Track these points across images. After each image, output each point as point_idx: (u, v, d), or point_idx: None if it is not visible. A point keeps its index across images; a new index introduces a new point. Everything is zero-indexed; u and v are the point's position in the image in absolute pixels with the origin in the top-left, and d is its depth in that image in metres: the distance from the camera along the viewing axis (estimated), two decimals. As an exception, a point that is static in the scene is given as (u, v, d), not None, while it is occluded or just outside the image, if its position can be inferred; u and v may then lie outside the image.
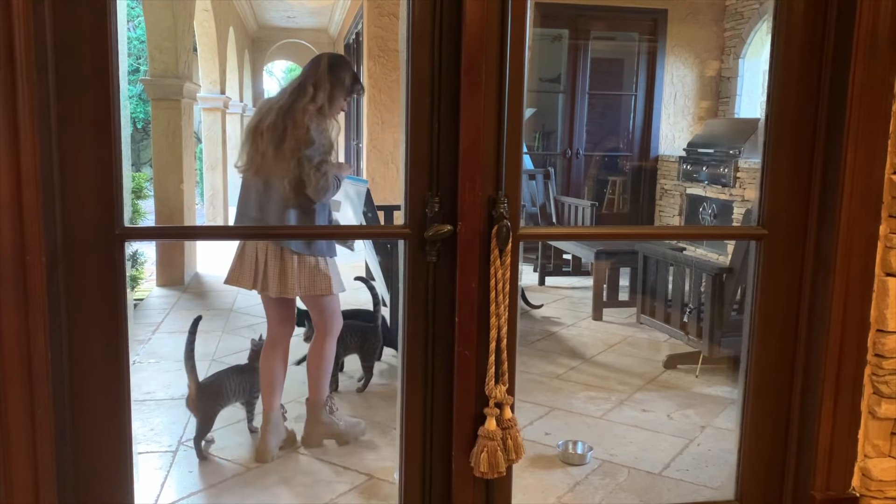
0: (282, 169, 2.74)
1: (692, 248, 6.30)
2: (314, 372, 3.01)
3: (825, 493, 2.00)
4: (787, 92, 1.94)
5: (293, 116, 2.75)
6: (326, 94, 2.80)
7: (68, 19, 1.64)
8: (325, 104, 2.80)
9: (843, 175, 1.89)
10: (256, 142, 2.81)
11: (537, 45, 7.73)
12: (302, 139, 2.72)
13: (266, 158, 2.79)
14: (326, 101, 2.80)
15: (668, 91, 7.79)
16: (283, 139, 2.74)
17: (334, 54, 3.06)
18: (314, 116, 2.76)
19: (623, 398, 3.57)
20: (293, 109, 2.76)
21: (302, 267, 2.81)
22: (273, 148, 2.76)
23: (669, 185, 7.63)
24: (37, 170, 1.60)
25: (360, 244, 4.04)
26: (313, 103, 2.77)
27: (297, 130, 2.73)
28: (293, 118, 2.75)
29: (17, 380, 1.64)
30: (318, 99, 2.78)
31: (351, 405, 3.42)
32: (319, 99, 2.78)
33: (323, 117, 2.79)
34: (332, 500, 2.58)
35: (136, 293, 5.53)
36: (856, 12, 1.84)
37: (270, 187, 2.80)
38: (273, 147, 2.76)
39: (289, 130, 2.74)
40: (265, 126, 2.78)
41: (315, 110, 2.77)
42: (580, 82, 7.62)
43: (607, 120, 8.30)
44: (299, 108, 2.76)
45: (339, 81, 2.83)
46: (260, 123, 2.81)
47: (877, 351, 1.95)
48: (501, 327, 1.82)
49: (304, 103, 2.76)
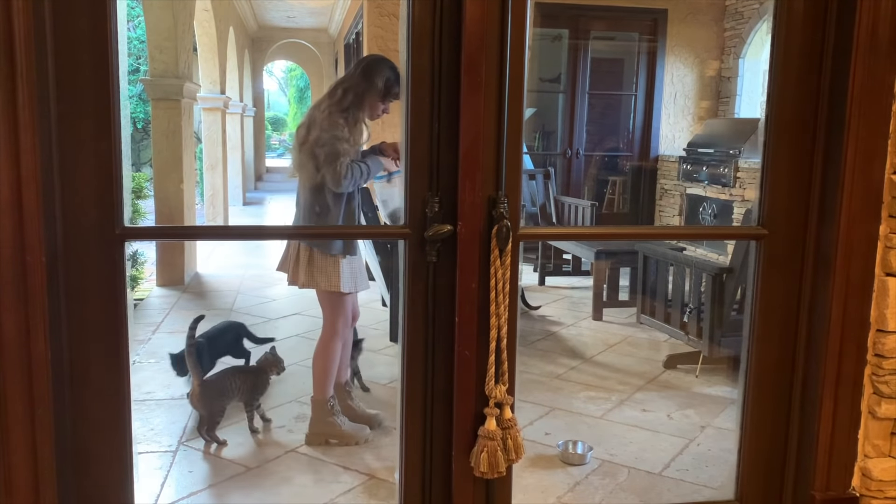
0: (306, 166, 2.87)
1: (692, 248, 6.31)
2: (316, 370, 3.03)
3: (825, 493, 2.00)
4: (787, 92, 1.94)
5: (314, 116, 2.89)
6: (355, 96, 2.86)
7: (68, 19, 1.64)
8: (352, 106, 2.86)
9: (843, 175, 1.89)
10: (294, 142, 3.00)
11: (537, 45, 7.73)
12: (317, 137, 2.83)
13: (295, 157, 2.97)
14: (354, 103, 2.86)
15: (668, 91, 7.79)
16: (305, 140, 2.87)
17: (374, 57, 3.08)
18: (332, 116, 2.83)
19: (623, 398, 3.57)
20: (318, 109, 2.89)
21: (310, 261, 2.91)
22: (299, 146, 2.92)
23: (669, 185, 7.63)
24: (37, 170, 1.60)
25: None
26: (339, 105, 2.85)
27: (314, 130, 2.85)
28: (314, 118, 2.88)
29: (17, 380, 1.64)
30: (345, 101, 2.85)
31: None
32: (346, 101, 2.85)
33: (344, 118, 2.85)
34: (332, 499, 2.58)
35: (136, 293, 5.53)
36: (856, 13, 1.84)
37: (302, 184, 2.95)
38: (299, 145, 2.92)
39: (310, 130, 2.87)
40: (298, 126, 2.98)
41: (339, 111, 2.84)
42: (580, 82, 7.62)
43: (607, 120, 8.30)
44: (323, 108, 2.87)
45: (371, 85, 2.88)
46: (300, 125, 2.98)
47: (877, 351, 1.95)
48: (501, 327, 1.82)
49: (329, 104, 2.86)
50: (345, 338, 3.11)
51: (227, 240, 8.42)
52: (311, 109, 3.01)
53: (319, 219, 2.88)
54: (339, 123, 2.82)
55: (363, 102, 2.88)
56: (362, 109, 2.89)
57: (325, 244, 2.91)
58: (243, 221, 10.21)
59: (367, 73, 2.89)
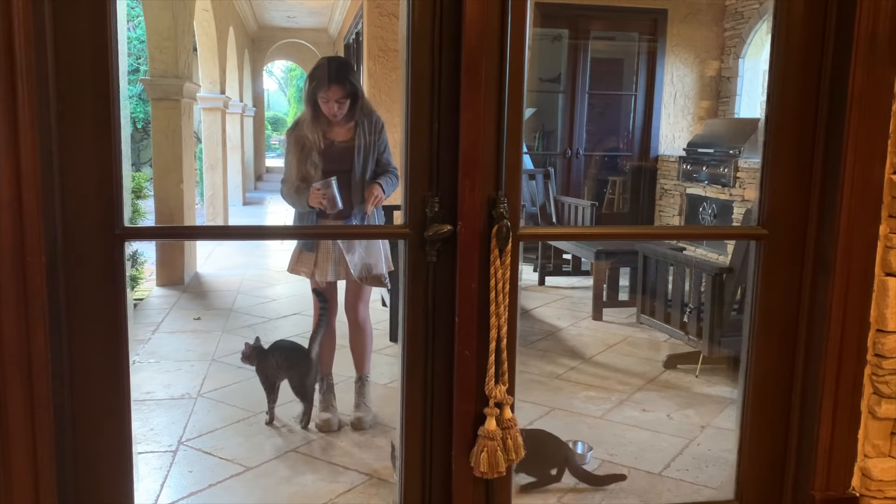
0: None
1: (692, 248, 6.30)
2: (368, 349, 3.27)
3: (825, 493, 2.00)
4: (787, 92, 1.94)
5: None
6: (305, 102, 3.04)
7: (68, 19, 1.64)
8: (305, 118, 3.02)
9: (843, 175, 1.89)
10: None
11: (537, 45, 7.73)
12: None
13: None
14: (307, 114, 3.02)
15: (668, 91, 7.79)
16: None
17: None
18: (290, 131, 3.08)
19: (623, 398, 3.57)
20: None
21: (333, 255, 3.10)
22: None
23: (669, 185, 7.63)
24: (37, 170, 1.60)
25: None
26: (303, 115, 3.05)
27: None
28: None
29: (17, 380, 1.64)
30: (304, 109, 3.04)
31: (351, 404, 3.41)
32: (304, 109, 3.04)
33: (298, 129, 3.03)
34: (332, 499, 2.58)
35: (136, 293, 5.53)
36: (856, 13, 1.84)
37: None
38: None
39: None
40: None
41: (294, 125, 3.07)
42: (580, 82, 7.62)
43: (607, 120, 8.29)
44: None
45: (307, 91, 3.02)
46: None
47: (877, 351, 1.95)
48: (501, 327, 1.82)
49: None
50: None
51: (227, 240, 8.41)
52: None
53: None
54: (288, 140, 3.05)
55: (309, 110, 3.01)
56: (310, 119, 3.00)
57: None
58: (243, 221, 10.21)
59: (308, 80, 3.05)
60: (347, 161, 2.98)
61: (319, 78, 2.96)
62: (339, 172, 2.97)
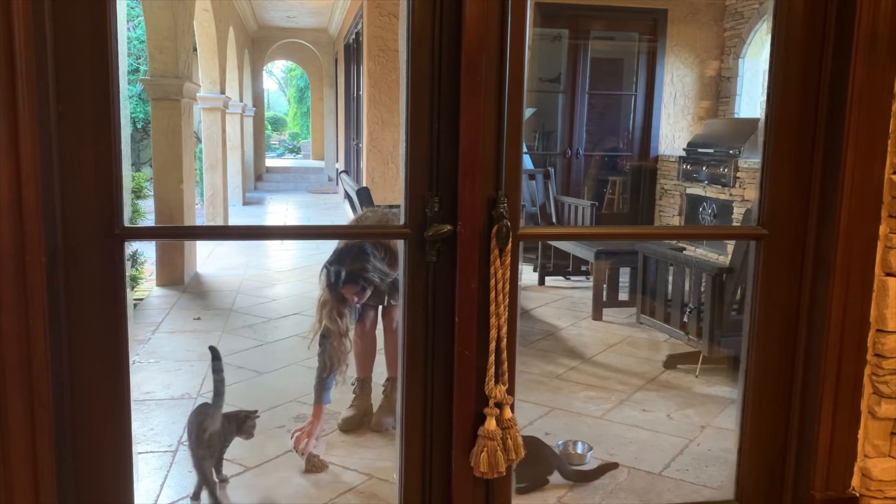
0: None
1: (692, 248, 6.30)
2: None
3: (825, 493, 2.00)
4: (787, 92, 1.94)
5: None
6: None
7: (68, 19, 1.64)
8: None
9: (843, 175, 1.89)
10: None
11: (537, 45, 7.73)
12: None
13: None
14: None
15: (668, 91, 7.79)
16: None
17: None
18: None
19: (623, 398, 3.57)
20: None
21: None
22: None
23: (669, 184, 7.63)
24: (37, 170, 1.60)
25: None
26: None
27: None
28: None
29: (17, 380, 1.64)
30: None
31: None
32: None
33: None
34: (332, 500, 2.58)
35: (136, 293, 5.53)
36: (856, 12, 1.84)
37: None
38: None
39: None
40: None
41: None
42: (580, 82, 7.62)
43: (607, 120, 8.30)
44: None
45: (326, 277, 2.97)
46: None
47: (877, 351, 1.95)
48: (501, 327, 1.82)
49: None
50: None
51: (227, 240, 8.42)
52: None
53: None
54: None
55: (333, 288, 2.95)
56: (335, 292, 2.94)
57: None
58: (243, 221, 10.21)
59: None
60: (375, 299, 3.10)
61: (336, 273, 2.94)
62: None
